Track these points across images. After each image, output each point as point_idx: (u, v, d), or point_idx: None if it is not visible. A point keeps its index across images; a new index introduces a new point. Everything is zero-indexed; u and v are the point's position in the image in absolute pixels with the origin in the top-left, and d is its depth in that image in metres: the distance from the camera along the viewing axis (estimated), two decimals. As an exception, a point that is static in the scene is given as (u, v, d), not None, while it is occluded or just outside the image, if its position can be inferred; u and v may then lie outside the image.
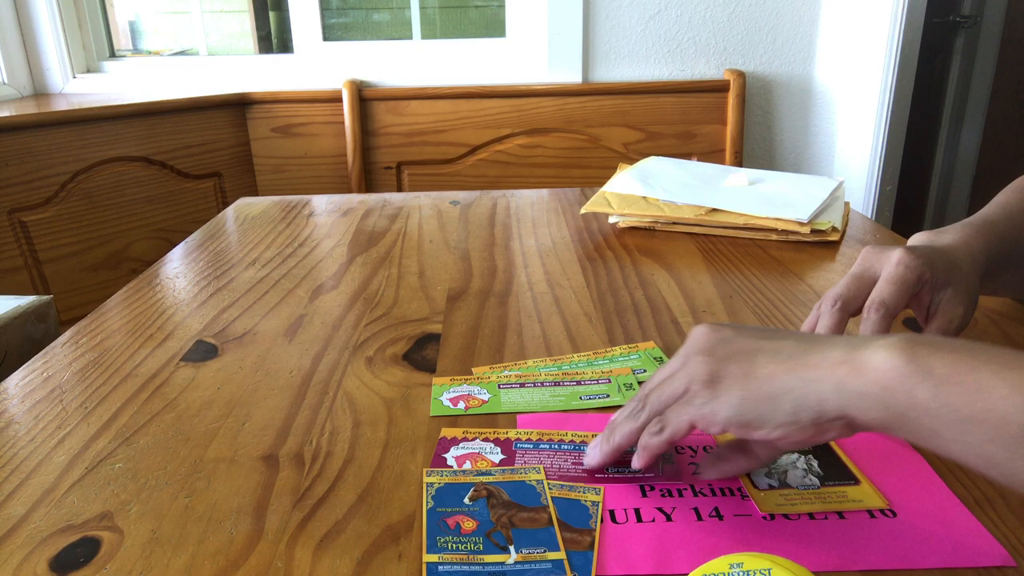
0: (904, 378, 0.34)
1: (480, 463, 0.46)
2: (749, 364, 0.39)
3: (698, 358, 0.41)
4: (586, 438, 0.49)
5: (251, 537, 0.40)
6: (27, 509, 0.43)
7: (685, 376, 0.41)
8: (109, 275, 1.94)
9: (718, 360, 0.40)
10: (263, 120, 2.14)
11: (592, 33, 2.14)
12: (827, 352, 0.37)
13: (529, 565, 0.38)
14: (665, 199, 0.94)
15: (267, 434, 0.51)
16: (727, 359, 0.40)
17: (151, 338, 0.67)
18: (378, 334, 0.66)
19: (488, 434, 0.50)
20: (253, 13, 2.44)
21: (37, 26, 2.14)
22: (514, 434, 0.50)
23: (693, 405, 0.40)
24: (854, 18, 2.03)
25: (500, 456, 0.47)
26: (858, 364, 0.35)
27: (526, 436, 0.49)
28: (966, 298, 0.50)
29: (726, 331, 0.42)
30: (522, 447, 0.48)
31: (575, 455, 0.47)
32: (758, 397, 0.38)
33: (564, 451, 0.47)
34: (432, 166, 2.18)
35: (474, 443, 0.49)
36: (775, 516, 0.41)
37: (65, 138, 1.82)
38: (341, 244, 0.92)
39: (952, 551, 0.38)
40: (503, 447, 0.48)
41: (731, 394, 0.39)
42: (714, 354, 0.40)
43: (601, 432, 0.46)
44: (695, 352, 0.41)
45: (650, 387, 0.44)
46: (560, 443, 0.48)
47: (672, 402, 0.41)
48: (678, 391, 0.41)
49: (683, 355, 0.42)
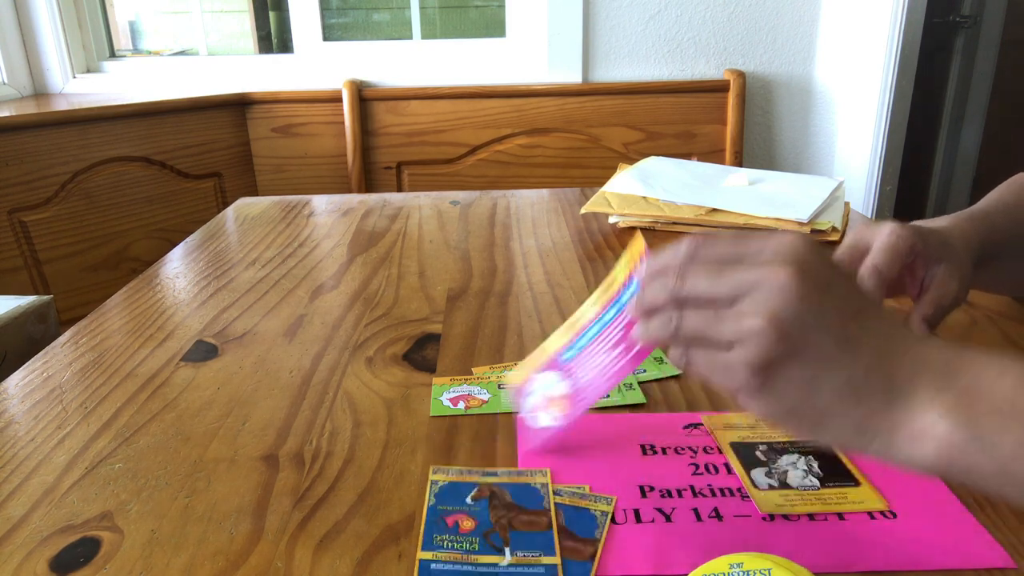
0: (967, 455, 0.32)
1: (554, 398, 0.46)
2: (812, 378, 0.34)
3: (761, 325, 0.33)
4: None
5: (251, 537, 0.40)
6: (27, 509, 0.43)
7: (736, 333, 0.34)
8: (109, 275, 1.94)
9: (784, 347, 0.33)
10: (263, 120, 2.14)
11: (592, 33, 2.14)
12: (892, 408, 0.33)
13: (522, 568, 0.38)
14: (665, 199, 0.94)
15: (267, 434, 0.51)
16: (793, 354, 0.33)
17: (151, 338, 0.67)
18: (378, 334, 0.66)
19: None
20: (253, 13, 2.44)
21: (37, 26, 2.14)
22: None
23: (731, 376, 0.35)
24: (854, 18, 2.03)
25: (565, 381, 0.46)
26: (918, 432, 0.33)
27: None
28: (960, 276, 0.50)
29: (806, 303, 0.33)
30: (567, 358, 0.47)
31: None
32: (804, 416, 0.35)
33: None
34: (432, 166, 2.17)
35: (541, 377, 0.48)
36: (775, 517, 0.41)
37: (65, 138, 1.82)
38: (341, 244, 0.92)
39: (952, 552, 0.38)
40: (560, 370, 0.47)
41: (778, 401, 0.35)
42: (782, 337, 0.33)
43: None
44: (763, 312, 0.33)
45: (693, 289, 0.36)
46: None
47: (710, 341, 0.35)
48: (723, 337, 0.35)
49: (750, 290, 0.34)
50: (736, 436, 0.48)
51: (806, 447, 0.47)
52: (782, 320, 0.33)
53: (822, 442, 0.36)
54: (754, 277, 0.34)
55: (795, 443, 0.47)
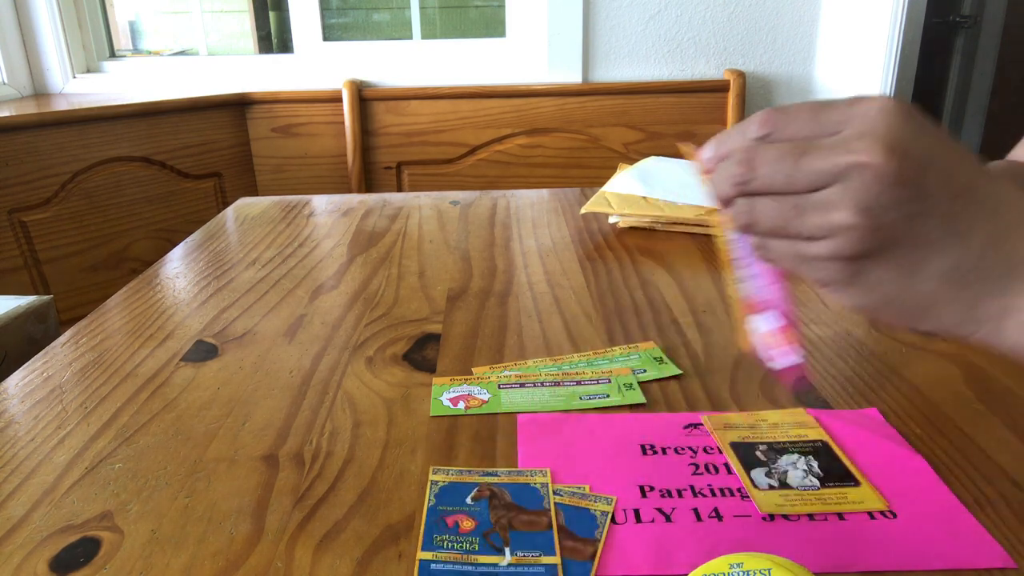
0: None
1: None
2: (913, 264, 0.30)
3: (852, 219, 0.30)
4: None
5: (251, 537, 0.40)
6: (27, 509, 0.43)
7: (822, 228, 0.30)
8: (109, 275, 1.94)
9: (880, 239, 0.30)
10: (263, 120, 2.14)
11: (592, 33, 2.14)
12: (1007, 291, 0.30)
13: (522, 568, 0.38)
14: (665, 199, 0.94)
15: (267, 434, 0.51)
16: (891, 244, 0.30)
17: (151, 338, 0.67)
18: (378, 334, 0.66)
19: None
20: (253, 13, 2.44)
21: (37, 26, 2.14)
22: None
23: (815, 269, 0.32)
24: (854, 18, 2.03)
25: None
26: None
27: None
28: None
29: (905, 189, 0.29)
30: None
31: None
32: (903, 306, 0.31)
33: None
34: (432, 166, 2.18)
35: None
36: (775, 517, 0.41)
37: (65, 138, 1.82)
38: (341, 244, 0.92)
39: (952, 552, 0.38)
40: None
41: (873, 292, 0.31)
42: (876, 230, 0.30)
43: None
44: (853, 204, 0.29)
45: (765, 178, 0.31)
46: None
47: (791, 233, 0.31)
48: (806, 230, 0.31)
49: (835, 179, 0.30)
50: (736, 436, 0.48)
51: (805, 447, 0.47)
52: (876, 212, 0.29)
53: (921, 330, 0.32)
54: (839, 163, 0.29)
55: (795, 443, 0.47)
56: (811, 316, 0.67)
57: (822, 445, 0.47)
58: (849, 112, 0.30)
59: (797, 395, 0.52)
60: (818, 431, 0.49)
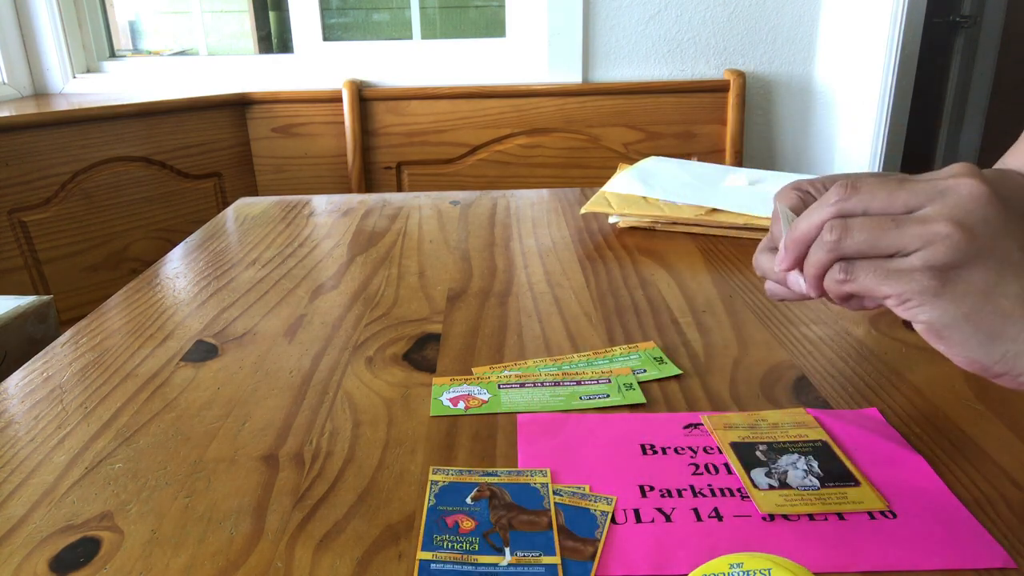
0: None
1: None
2: (995, 283, 0.33)
3: (950, 228, 0.32)
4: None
5: (251, 537, 0.40)
6: (27, 509, 0.43)
7: (920, 237, 0.33)
8: (109, 275, 1.94)
9: (972, 249, 0.33)
10: (263, 120, 2.14)
11: (592, 33, 2.14)
12: None
13: (522, 568, 0.38)
14: (665, 199, 0.94)
15: (267, 434, 0.51)
16: (979, 258, 0.33)
17: (151, 338, 0.67)
18: (378, 334, 0.66)
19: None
20: (253, 13, 2.44)
21: (37, 26, 2.14)
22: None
23: (903, 282, 0.34)
24: (854, 18, 2.03)
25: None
26: None
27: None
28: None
29: (995, 209, 0.33)
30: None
31: None
32: (979, 323, 0.33)
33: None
34: (432, 166, 2.18)
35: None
36: (775, 517, 0.41)
37: (65, 138, 1.82)
38: (341, 244, 0.92)
39: (952, 552, 0.38)
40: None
41: (955, 305, 0.33)
42: (971, 239, 0.33)
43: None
44: (950, 216, 0.33)
45: (863, 205, 0.35)
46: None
47: (881, 251, 0.34)
48: (896, 246, 0.34)
49: (930, 201, 0.33)
50: (736, 436, 0.48)
51: (805, 447, 0.47)
52: (972, 223, 0.32)
53: (987, 360, 0.34)
54: (938, 186, 0.33)
55: (795, 443, 0.47)
56: (811, 316, 0.67)
57: (822, 445, 0.47)
58: (936, 171, 0.34)
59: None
60: (818, 431, 0.49)
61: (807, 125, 2.22)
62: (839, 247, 0.35)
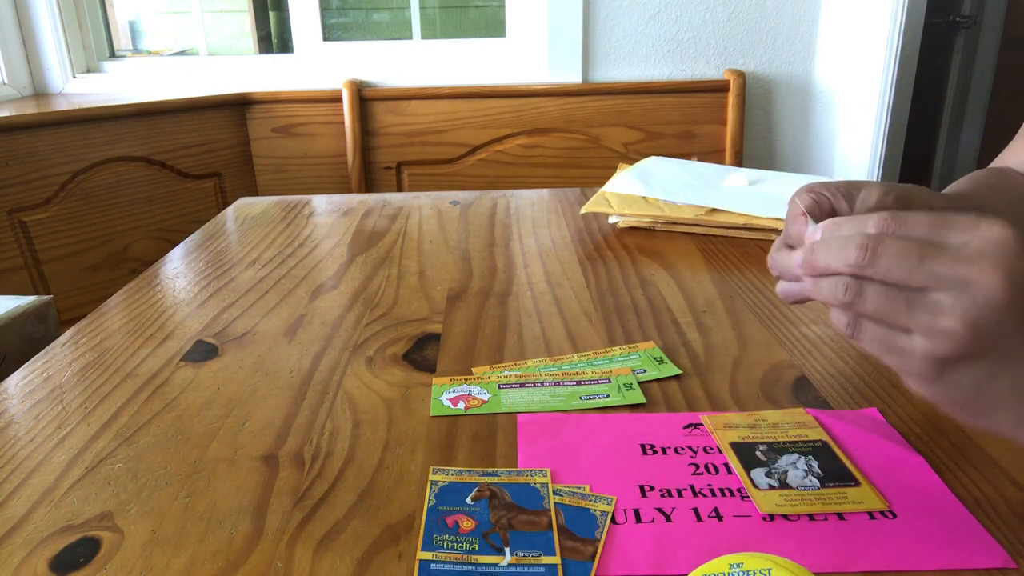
0: None
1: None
2: (992, 375, 0.33)
3: (960, 329, 0.32)
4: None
5: (251, 537, 0.40)
6: (27, 509, 0.43)
7: (929, 328, 0.33)
8: (109, 275, 1.94)
9: (973, 351, 0.32)
10: (263, 120, 2.14)
11: (592, 33, 2.14)
12: None
13: (522, 568, 0.38)
14: (665, 199, 0.94)
15: (267, 434, 0.51)
16: (981, 355, 0.33)
17: (151, 338, 0.67)
18: (378, 334, 0.66)
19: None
20: (253, 13, 2.44)
21: (37, 26, 2.14)
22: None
23: (903, 360, 0.34)
24: (854, 18, 2.03)
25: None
26: None
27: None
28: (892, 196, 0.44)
29: (1011, 312, 0.32)
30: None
31: None
32: (971, 407, 0.34)
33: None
34: (432, 166, 2.18)
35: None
36: (775, 517, 0.41)
37: (65, 138, 1.82)
38: (341, 244, 0.92)
39: (952, 552, 0.38)
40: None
41: (946, 391, 0.34)
42: (977, 342, 0.32)
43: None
44: (963, 316, 0.32)
45: (882, 275, 0.33)
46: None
47: (892, 322, 0.34)
48: (904, 326, 0.33)
49: (950, 288, 0.32)
50: (736, 436, 0.48)
51: (805, 447, 0.47)
52: (984, 326, 0.32)
53: (978, 428, 0.35)
54: (959, 273, 0.32)
55: (795, 443, 0.47)
56: (811, 316, 0.67)
57: (822, 445, 0.47)
58: (973, 230, 0.32)
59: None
60: (818, 431, 0.49)
61: (807, 125, 2.22)
62: (851, 308, 0.35)
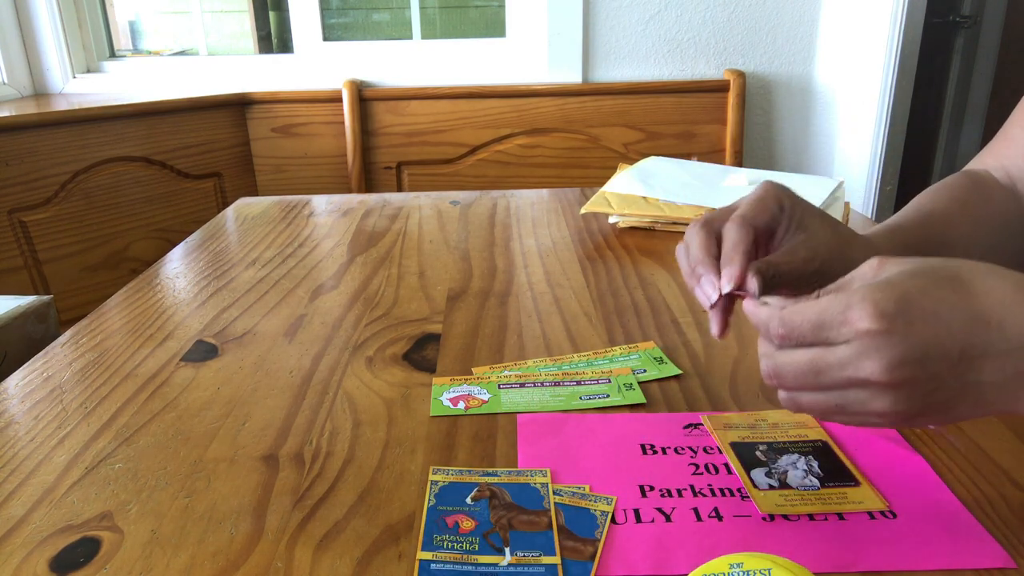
0: None
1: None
2: (946, 404, 0.35)
3: (896, 398, 0.35)
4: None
5: (251, 537, 0.40)
6: (27, 509, 0.43)
7: (869, 421, 0.37)
8: (109, 275, 1.94)
9: (919, 404, 0.35)
10: (263, 120, 2.14)
11: (592, 33, 2.14)
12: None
13: (522, 568, 0.38)
14: (665, 199, 0.94)
15: (267, 434, 0.51)
16: (928, 410, 0.36)
17: (151, 338, 0.67)
18: (378, 334, 0.66)
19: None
20: (253, 13, 2.44)
21: (37, 26, 2.14)
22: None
23: (874, 418, 0.37)
24: (854, 18, 2.03)
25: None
26: None
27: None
28: (814, 251, 0.47)
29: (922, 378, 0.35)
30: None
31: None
32: (950, 420, 0.37)
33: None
34: (432, 166, 2.17)
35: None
36: (775, 517, 0.41)
37: (65, 138, 1.82)
38: (341, 244, 0.92)
39: (952, 552, 0.38)
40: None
41: (923, 422, 0.37)
42: (913, 394, 0.35)
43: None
44: (888, 387, 0.35)
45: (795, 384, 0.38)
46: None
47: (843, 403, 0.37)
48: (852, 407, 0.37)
49: (856, 400, 0.36)
50: (736, 436, 0.48)
51: (805, 447, 0.47)
52: (903, 411, 0.35)
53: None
54: (853, 378, 0.35)
55: (795, 443, 0.47)
56: (811, 316, 0.67)
57: (822, 445, 0.47)
58: (845, 328, 0.35)
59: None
60: (818, 431, 0.49)
61: (807, 125, 2.22)
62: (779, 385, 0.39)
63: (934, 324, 0.35)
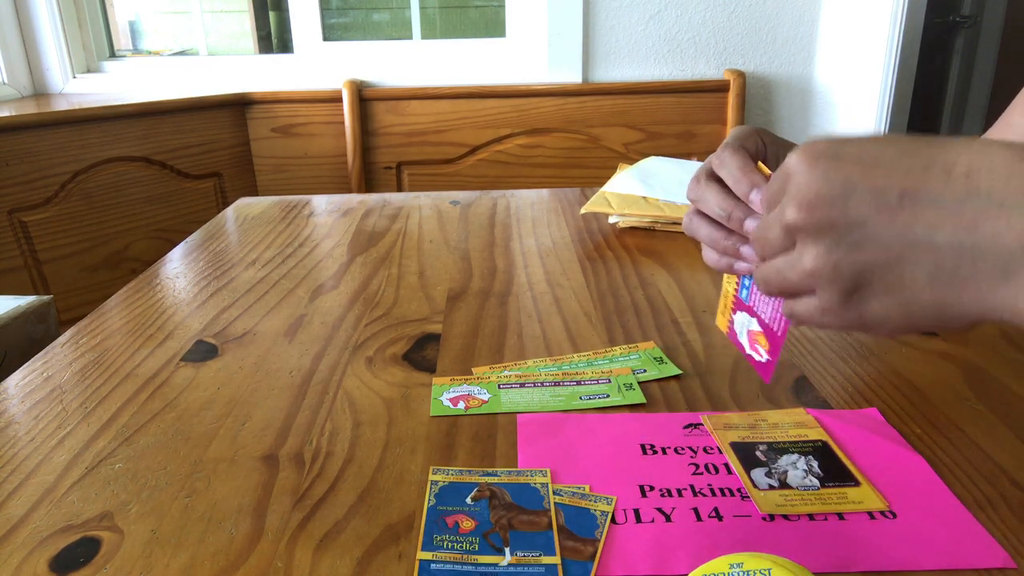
0: None
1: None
2: (896, 282, 0.31)
3: (817, 251, 0.31)
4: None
5: (251, 537, 0.40)
6: (27, 509, 0.43)
7: (805, 275, 0.33)
8: (109, 275, 1.94)
9: (844, 272, 0.31)
10: (263, 120, 2.14)
11: (592, 33, 2.14)
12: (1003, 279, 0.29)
13: (522, 568, 0.38)
14: (665, 199, 0.94)
15: (267, 434, 0.51)
16: (862, 272, 0.31)
17: (151, 338, 0.67)
18: (378, 334, 0.66)
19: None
20: (253, 13, 2.44)
21: (37, 26, 2.14)
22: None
23: (834, 316, 0.33)
24: (854, 18, 2.03)
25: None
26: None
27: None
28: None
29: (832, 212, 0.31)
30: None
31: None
32: (922, 318, 0.32)
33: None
34: (432, 166, 2.18)
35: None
36: (775, 517, 0.41)
37: (65, 138, 1.82)
38: (341, 244, 0.92)
39: (952, 552, 0.38)
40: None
41: (884, 320, 0.32)
42: (838, 243, 0.31)
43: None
44: (807, 233, 0.32)
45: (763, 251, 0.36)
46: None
47: (800, 296, 0.35)
48: (804, 287, 0.34)
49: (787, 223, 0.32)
50: (736, 436, 0.48)
51: (805, 447, 0.47)
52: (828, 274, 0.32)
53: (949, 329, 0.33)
54: (784, 247, 0.34)
55: (795, 443, 0.47)
56: (811, 316, 0.67)
57: (822, 445, 0.47)
58: (778, 184, 0.34)
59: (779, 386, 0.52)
60: (818, 431, 0.49)
61: (807, 125, 2.22)
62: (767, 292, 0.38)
63: (870, 164, 0.30)
